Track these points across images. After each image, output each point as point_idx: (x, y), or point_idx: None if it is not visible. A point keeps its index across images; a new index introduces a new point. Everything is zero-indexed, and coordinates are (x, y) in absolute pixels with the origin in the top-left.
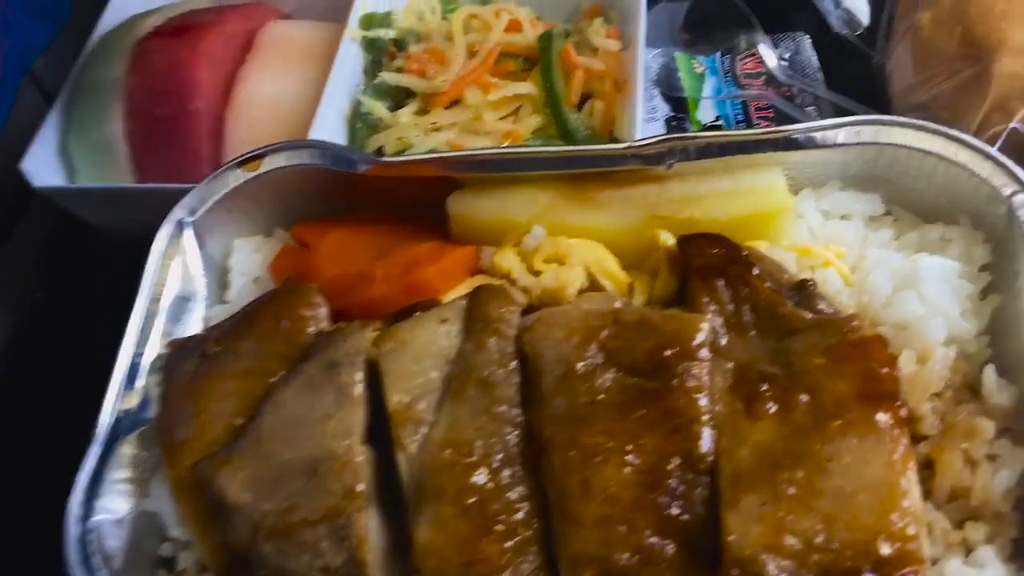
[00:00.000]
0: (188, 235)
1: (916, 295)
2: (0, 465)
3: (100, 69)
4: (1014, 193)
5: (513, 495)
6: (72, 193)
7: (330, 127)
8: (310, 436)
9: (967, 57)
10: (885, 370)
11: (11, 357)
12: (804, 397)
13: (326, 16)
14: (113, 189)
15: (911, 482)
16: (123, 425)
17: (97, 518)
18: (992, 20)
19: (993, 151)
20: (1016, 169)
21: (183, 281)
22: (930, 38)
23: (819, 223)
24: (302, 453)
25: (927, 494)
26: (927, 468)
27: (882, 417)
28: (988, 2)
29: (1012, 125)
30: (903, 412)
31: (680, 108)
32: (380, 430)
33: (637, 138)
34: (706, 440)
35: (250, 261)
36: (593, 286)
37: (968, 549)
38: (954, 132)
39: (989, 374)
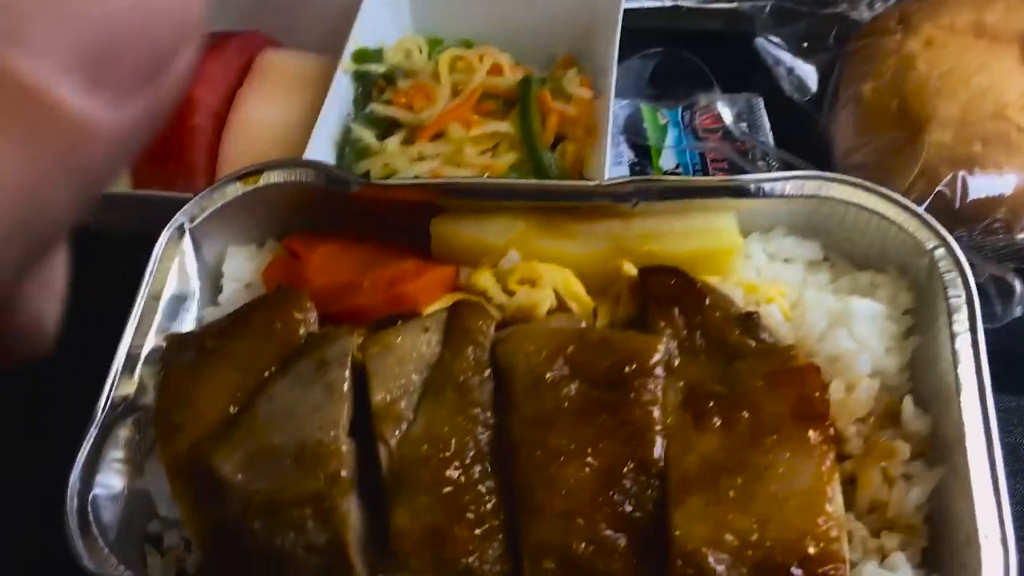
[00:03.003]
0: (187, 240)
1: (847, 332)
2: (5, 447)
3: None
4: (935, 247)
5: (483, 488)
6: None
7: (321, 150)
8: (300, 426)
9: (902, 125)
10: (817, 394)
11: None
12: (745, 414)
13: (320, 48)
14: (115, 195)
15: (835, 492)
16: (120, 410)
17: (95, 492)
18: (926, 94)
19: (920, 210)
20: (939, 227)
21: (179, 282)
22: (871, 106)
23: (765, 263)
24: (291, 440)
25: (849, 505)
26: (850, 483)
27: (813, 434)
28: (923, 78)
29: (938, 188)
30: (831, 431)
31: (644, 155)
32: (363, 426)
33: (606, 179)
34: (658, 448)
35: (243, 268)
36: (561, 307)
37: (883, 555)
38: (887, 191)
39: (908, 404)
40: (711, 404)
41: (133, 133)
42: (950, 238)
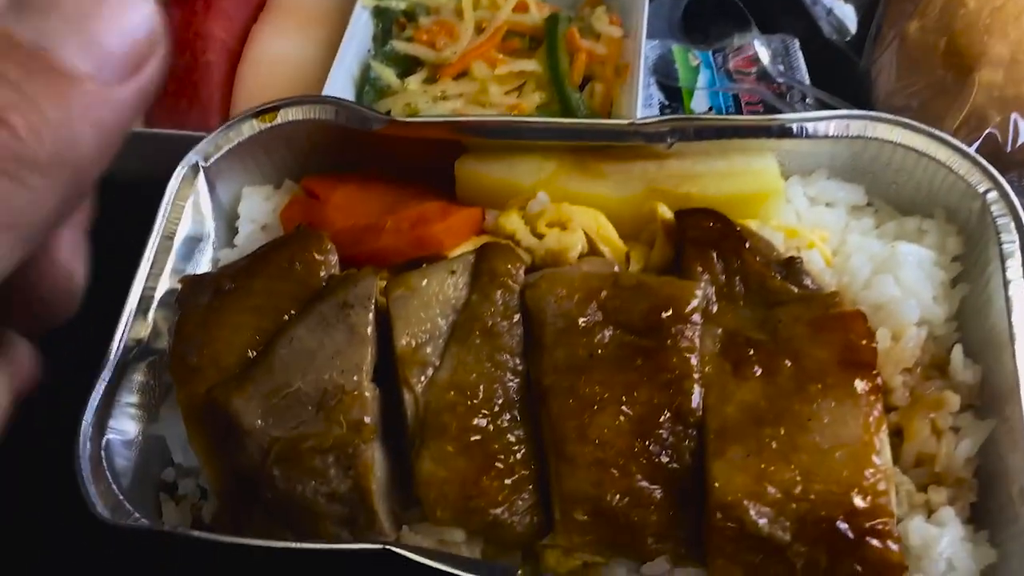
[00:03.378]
0: (201, 179)
1: (893, 278)
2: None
3: None
4: (988, 190)
5: (512, 437)
6: None
7: (339, 88)
8: (321, 370)
9: (950, 66)
10: (864, 342)
11: None
12: (788, 362)
13: None
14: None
15: (883, 443)
16: (134, 353)
17: (108, 437)
18: (976, 33)
19: (972, 151)
20: (991, 169)
21: (194, 222)
22: (916, 46)
23: (805, 208)
24: (312, 385)
25: (895, 459)
26: (896, 436)
27: (859, 383)
28: (973, 15)
29: (988, 131)
30: (879, 380)
31: (674, 97)
32: (386, 372)
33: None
34: (696, 396)
35: (259, 209)
36: (592, 251)
37: (930, 510)
38: (937, 132)
39: (957, 354)
40: (751, 352)
41: (133, 103)
42: (1003, 181)
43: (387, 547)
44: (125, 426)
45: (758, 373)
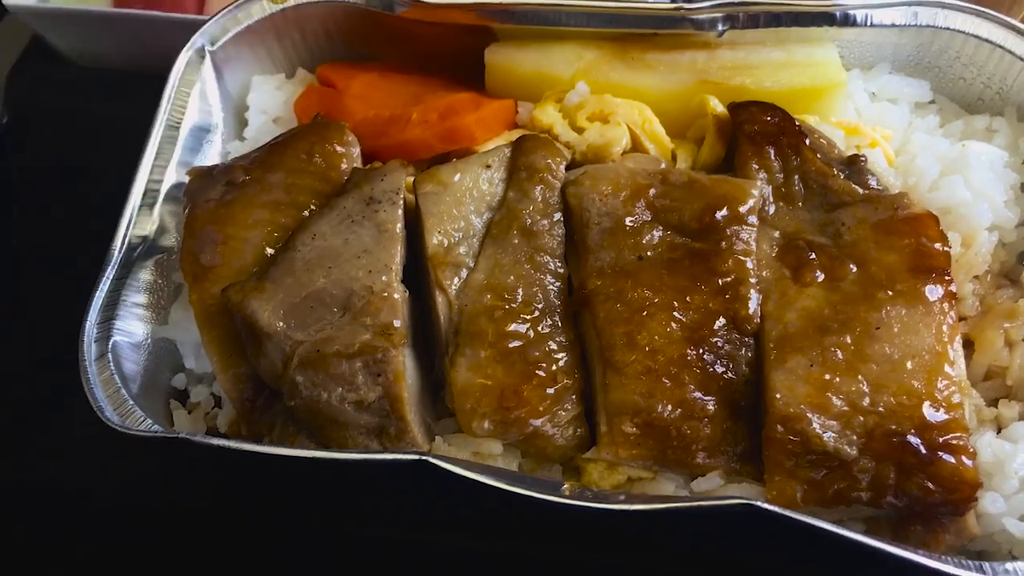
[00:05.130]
0: (207, 65)
1: (963, 180)
2: (17, 295)
3: None
4: None
5: (553, 344)
6: (46, 14)
7: None
8: (346, 269)
9: None
10: (937, 245)
11: None
12: (852, 267)
13: None
14: (94, 12)
15: (958, 354)
16: (139, 251)
17: (115, 339)
18: None
19: None
20: None
21: (201, 112)
22: None
23: (866, 104)
24: (337, 286)
25: None
26: (965, 348)
27: (932, 290)
28: None
29: None
30: (952, 287)
31: None
32: (414, 273)
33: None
34: (753, 302)
35: (270, 99)
36: (635, 149)
37: (1000, 425)
38: (1015, 22)
39: None
40: (811, 256)
41: None
42: None
43: (424, 457)
44: (133, 327)
45: (820, 279)
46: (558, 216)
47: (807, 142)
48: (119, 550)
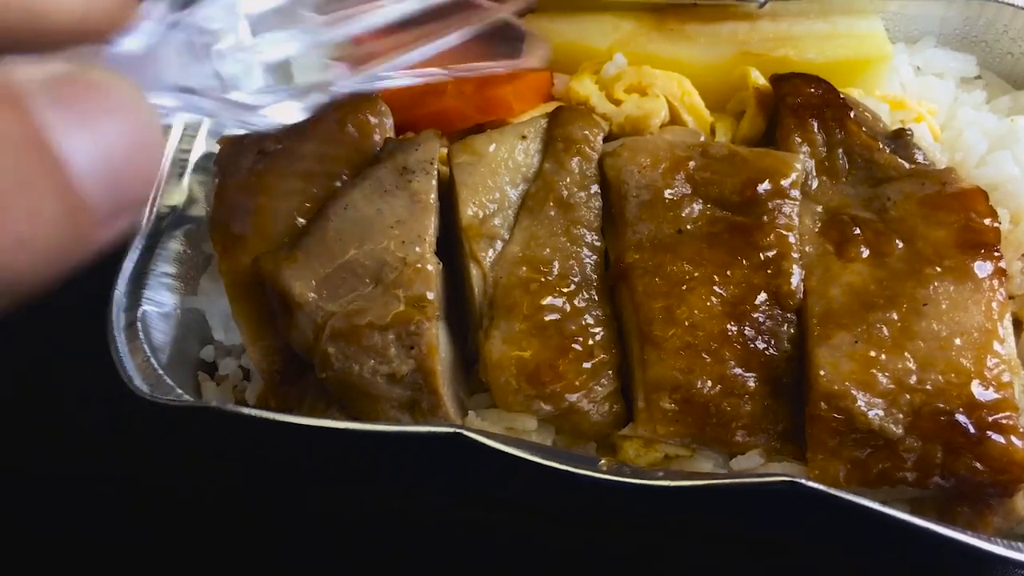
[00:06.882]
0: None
1: (1011, 156)
2: None
3: None
4: None
5: (590, 318)
6: None
7: None
8: (379, 240)
9: None
10: (987, 220)
11: None
12: (899, 243)
13: None
14: None
15: (1008, 331)
16: (168, 221)
17: (144, 308)
18: None
19: None
20: None
21: None
22: None
23: (910, 78)
24: (370, 257)
25: None
26: (1014, 327)
27: (981, 266)
28: None
29: None
30: (1002, 263)
31: None
32: (447, 245)
33: None
34: (795, 277)
35: None
36: (673, 121)
37: None
38: None
39: None
40: (856, 231)
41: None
42: None
43: (459, 431)
44: (162, 297)
45: (865, 255)
46: (595, 188)
47: (852, 115)
48: (139, 534)
